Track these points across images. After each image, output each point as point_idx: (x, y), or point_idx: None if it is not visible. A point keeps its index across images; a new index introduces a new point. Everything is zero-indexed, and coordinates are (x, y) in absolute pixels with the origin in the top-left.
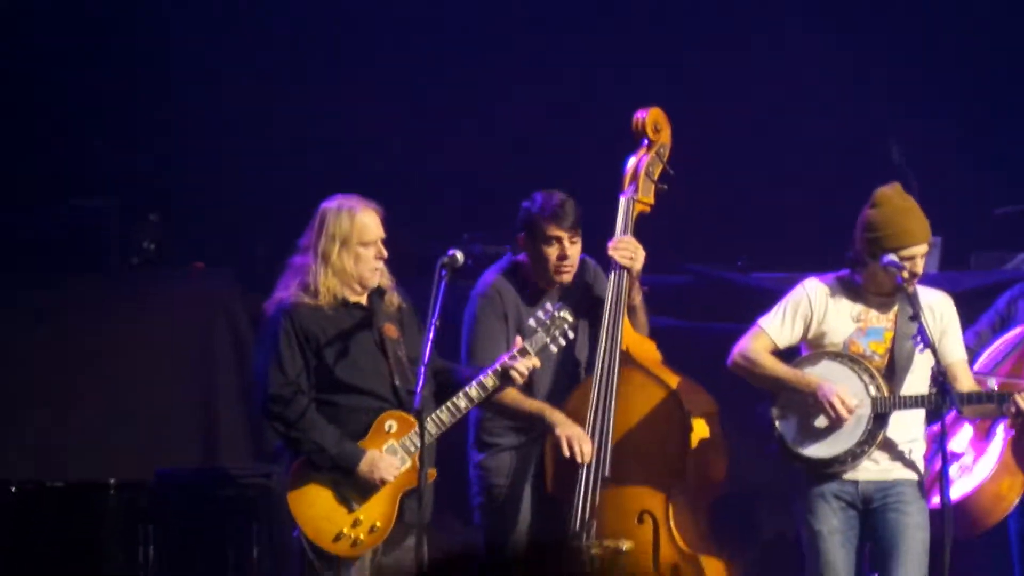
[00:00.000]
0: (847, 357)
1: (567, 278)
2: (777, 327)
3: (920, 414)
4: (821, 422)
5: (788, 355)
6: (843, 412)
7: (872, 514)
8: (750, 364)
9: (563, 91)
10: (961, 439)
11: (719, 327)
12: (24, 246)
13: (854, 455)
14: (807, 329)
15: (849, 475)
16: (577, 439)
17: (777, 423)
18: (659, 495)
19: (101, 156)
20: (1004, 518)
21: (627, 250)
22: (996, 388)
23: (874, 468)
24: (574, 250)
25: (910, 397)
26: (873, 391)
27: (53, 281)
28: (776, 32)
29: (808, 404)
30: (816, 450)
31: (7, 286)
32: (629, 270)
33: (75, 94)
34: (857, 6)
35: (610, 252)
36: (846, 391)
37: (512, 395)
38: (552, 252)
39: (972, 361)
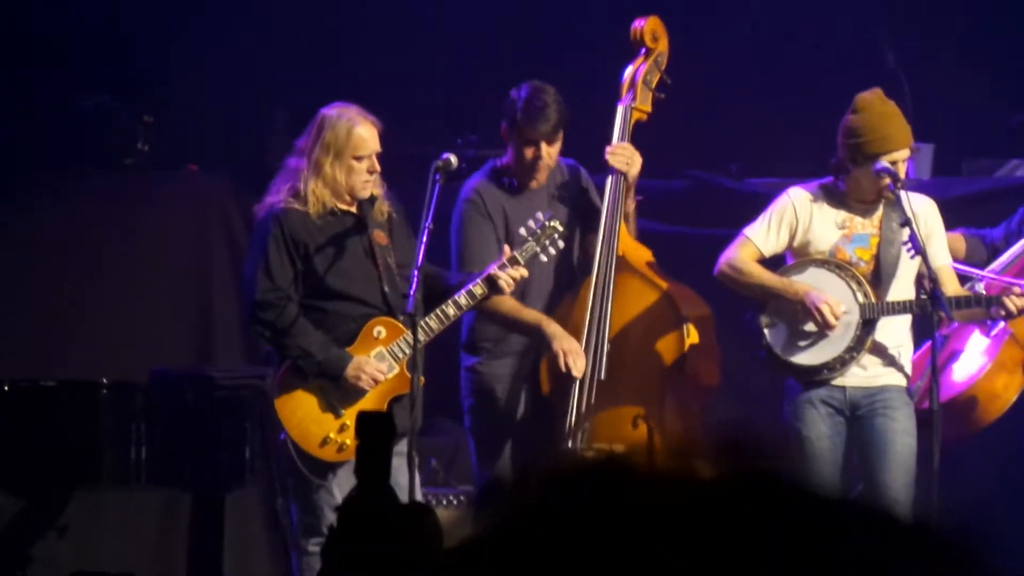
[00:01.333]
0: (834, 264)
1: (541, 178)
2: (763, 235)
3: (906, 320)
4: (809, 329)
5: (774, 264)
6: (831, 318)
7: (859, 420)
8: (737, 272)
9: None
10: (971, 339)
11: (714, 232)
12: (20, 143)
13: (843, 361)
14: (792, 237)
15: (837, 381)
16: (572, 353)
17: (765, 331)
18: (653, 400)
19: (99, 58)
20: (999, 418)
21: (623, 155)
22: (984, 291)
23: (862, 374)
24: (551, 152)
25: (898, 303)
26: (860, 297)
27: (47, 179)
28: None
29: (796, 311)
30: (805, 357)
31: (4, 178)
32: (625, 175)
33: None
34: None
35: (607, 158)
36: (834, 297)
37: (509, 304)
38: (528, 152)
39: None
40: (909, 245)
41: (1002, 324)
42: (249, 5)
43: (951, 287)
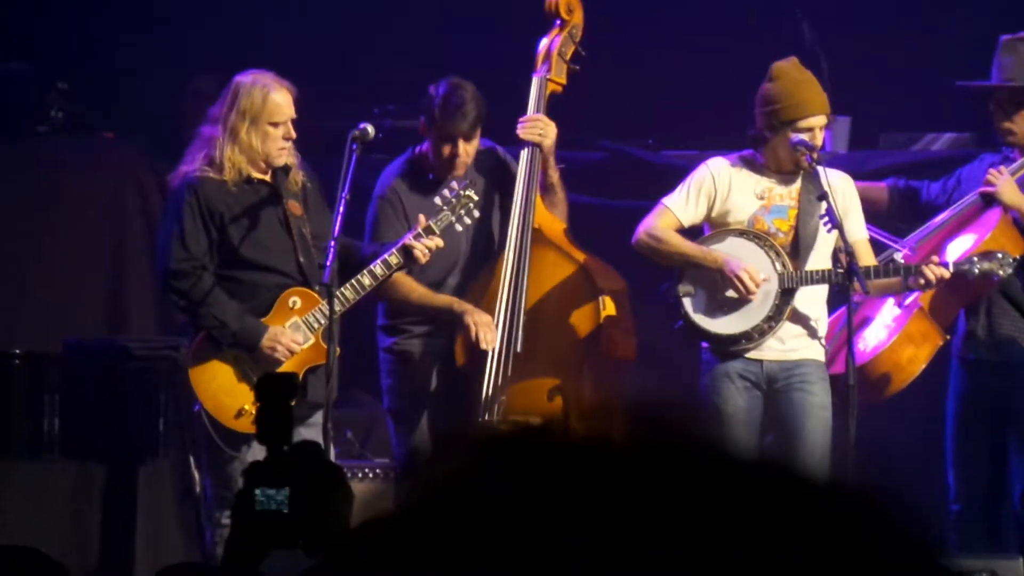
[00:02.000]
0: (752, 234)
1: (459, 173)
2: (681, 205)
3: (823, 293)
4: (729, 297)
5: (692, 235)
6: (751, 286)
7: (776, 394)
8: (655, 242)
9: None
10: (884, 311)
11: (631, 204)
12: None
13: (761, 331)
14: (711, 207)
15: (754, 354)
16: (483, 326)
17: (684, 300)
18: (570, 372)
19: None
20: (903, 388)
21: (537, 127)
22: (902, 261)
23: (779, 347)
24: (468, 149)
25: (816, 272)
26: (779, 267)
27: None
28: None
29: (715, 280)
30: (724, 326)
31: None
32: (540, 146)
33: None
34: None
35: (519, 131)
36: (753, 266)
37: (419, 292)
38: (445, 149)
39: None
40: (826, 219)
41: (914, 296)
42: None
43: (867, 260)
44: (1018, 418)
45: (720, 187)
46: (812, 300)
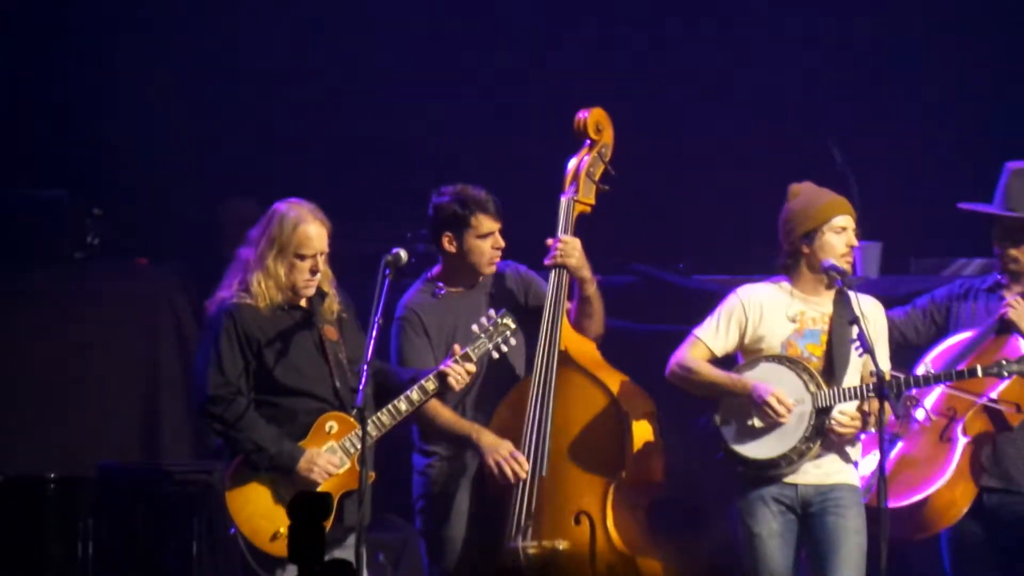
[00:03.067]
0: (785, 358)
1: (494, 268)
2: (712, 334)
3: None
4: (761, 422)
5: (726, 364)
6: (780, 409)
7: (811, 518)
8: (687, 372)
9: (504, 89)
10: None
11: (662, 328)
12: None
13: (800, 452)
14: (743, 335)
15: (789, 479)
16: (507, 460)
17: (720, 429)
18: (596, 496)
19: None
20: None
21: (561, 249)
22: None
23: (815, 472)
24: (501, 240)
25: (850, 389)
26: (812, 387)
27: None
28: (719, 28)
29: (746, 406)
30: (761, 450)
31: None
32: (565, 267)
33: (23, 82)
34: (803, 4)
35: (546, 261)
36: (783, 389)
37: (446, 416)
38: (487, 244)
39: (917, 360)
40: (857, 344)
41: (960, 428)
42: (202, 94)
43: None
44: None
45: (751, 314)
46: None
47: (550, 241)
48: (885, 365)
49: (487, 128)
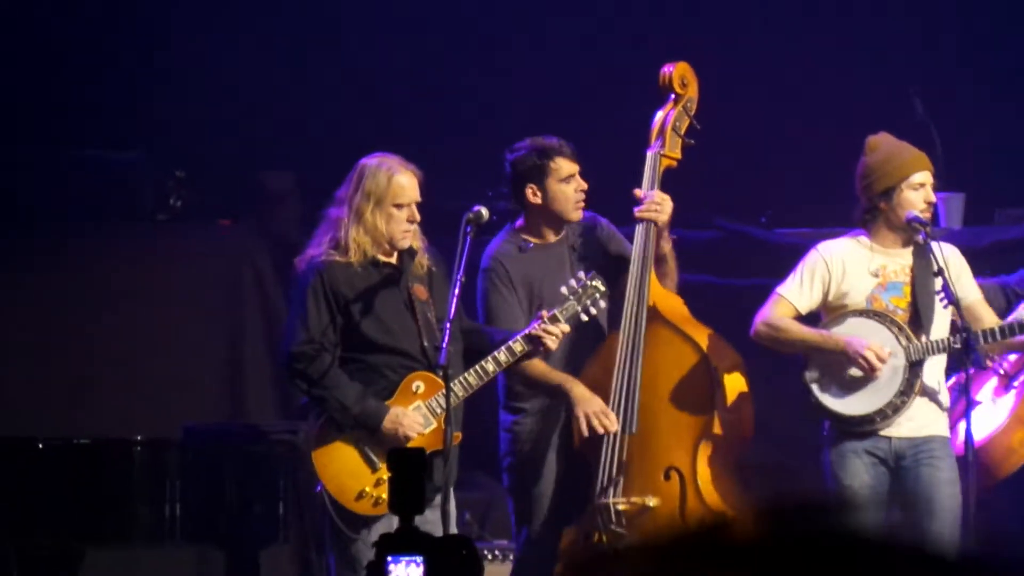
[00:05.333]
0: (872, 312)
1: (581, 213)
2: (796, 292)
3: (942, 366)
4: (856, 377)
5: (809, 321)
6: (876, 362)
7: (903, 470)
8: (775, 331)
9: (591, 44)
10: (986, 390)
11: (744, 282)
12: (54, 198)
13: (895, 407)
14: (826, 292)
15: (884, 432)
16: (597, 415)
17: (812, 387)
18: (686, 451)
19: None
20: (1017, 470)
21: (651, 205)
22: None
23: (909, 425)
24: (583, 182)
25: (941, 341)
26: (903, 340)
27: (81, 234)
28: None
29: (840, 362)
30: (856, 406)
31: (37, 234)
32: (656, 223)
33: (104, 44)
34: None
35: (636, 212)
36: (876, 343)
37: (538, 367)
38: (570, 189)
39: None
40: (942, 295)
41: (1022, 378)
42: (285, 58)
43: (988, 319)
44: None
45: (834, 270)
46: (935, 374)
47: (639, 193)
48: (976, 294)
49: (571, 85)
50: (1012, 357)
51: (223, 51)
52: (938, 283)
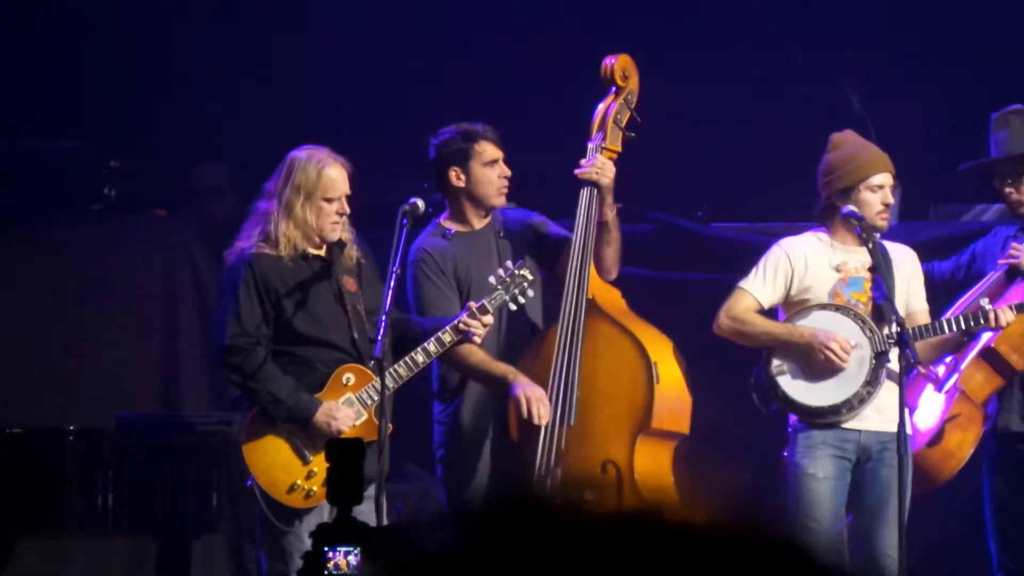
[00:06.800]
0: (835, 305)
1: (503, 199)
2: (759, 285)
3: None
4: (823, 369)
5: (768, 317)
6: (842, 354)
7: (866, 470)
8: (739, 324)
9: (530, 34)
10: (924, 396)
11: (682, 275)
12: None
13: (861, 398)
14: (788, 286)
15: (852, 424)
16: (535, 401)
17: (778, 380)
18: (623, 445)
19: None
20: (955, 474)
21: (594, 166)
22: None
23: (877, 418)
24: (507, 168)
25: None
26: (868, 332)
27: (13, 223)
28: None
29: (806, 354)
30: (823, 397)
31: None
32: (598, 185)
33: (38, 34)
34: None
35: (577, 172)
36: (842, 335)
37: (479, 356)
38: (494, 173)
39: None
40: (877, 292)
41: (954, 379)
42: (218, 51)
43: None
44: None
45: (796, 265)
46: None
47: (583, 162)
48: (923, 305)
49: (511, 78)
50: (943, 365)
51: (158, 41)
52: (891, 276)
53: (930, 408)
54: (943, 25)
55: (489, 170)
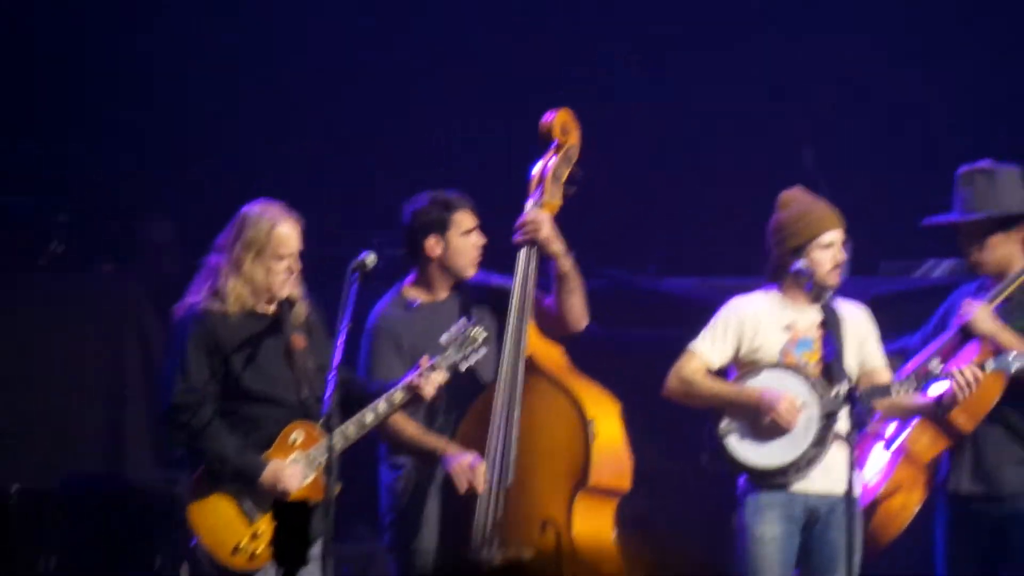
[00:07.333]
0: (786, 365)
1: (476, 269)
2: (708, 346)
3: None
4: (771, 429)
5: (718, 376)
6: (790, 414)
7: (815, 533)
8: (687, 386)
9: (473, 91)
10: (873, 455)
11: (632, 333)
12: None
13: (809, 459)
14: (739, 346)
15: (799, 487)
16: (468, 473)
17: (727, 440)
18: (561, 504)
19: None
20: (898, 535)
21: (527, 224)
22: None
23: (824, 480)
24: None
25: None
26: (818, 392)
27: None
28: (691, 35)
29: (754, 414)
30: (771, 458)
31: None
32: (534, 241)
33: None
34: (770, 6)
35: (515, 240)
36: (789, 395)
37: (410, 431)
38: (471, 242)
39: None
40: (825, 348)
41: (903, 438)
42: (168, 107)
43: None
44: (1012, 553)
45: (747, 323)
46: (844, 427)
47: (517, 223)
48: (880, 362)
49: (452, 133)
50: (894, 421)
51: (107, 94)
52: (842, 335)
53: (876, 465)
54: (901, 81)
55: (466, 239)
